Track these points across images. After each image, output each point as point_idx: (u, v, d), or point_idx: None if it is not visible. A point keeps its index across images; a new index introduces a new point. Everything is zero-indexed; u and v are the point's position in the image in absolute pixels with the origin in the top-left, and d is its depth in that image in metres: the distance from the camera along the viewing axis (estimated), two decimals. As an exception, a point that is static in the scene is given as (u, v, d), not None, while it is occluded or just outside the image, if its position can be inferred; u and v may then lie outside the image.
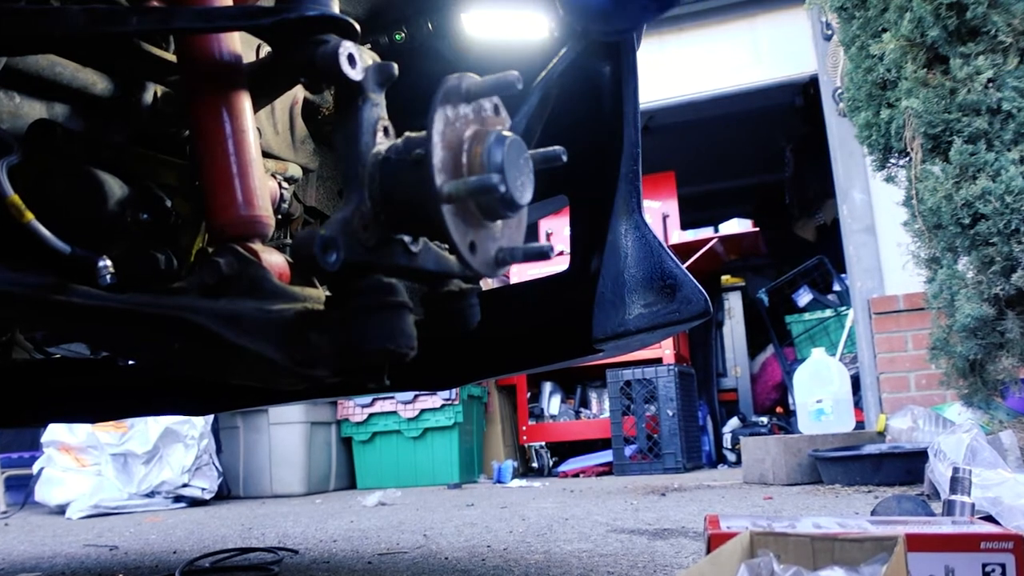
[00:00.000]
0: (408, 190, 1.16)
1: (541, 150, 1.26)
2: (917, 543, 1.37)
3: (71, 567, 3.15)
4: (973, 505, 2.18)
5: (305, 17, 1.25)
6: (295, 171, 1.88)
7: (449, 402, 6.83)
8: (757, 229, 8.16)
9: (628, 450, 7.03)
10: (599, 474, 7.19)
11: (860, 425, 6.26)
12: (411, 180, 1.16)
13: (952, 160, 3.83)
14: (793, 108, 8.35)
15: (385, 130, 1.25)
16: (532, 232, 8.20)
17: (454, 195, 1.11)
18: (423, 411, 6.91)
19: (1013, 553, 1.38)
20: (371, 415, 7.01)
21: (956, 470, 2.21)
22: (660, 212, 8.16)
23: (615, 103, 1.87)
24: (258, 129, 1.51)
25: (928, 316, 4.60)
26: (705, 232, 8.18)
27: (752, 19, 7.39)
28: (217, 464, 6.26)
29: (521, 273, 7.26)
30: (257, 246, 1.36)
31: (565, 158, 1.26)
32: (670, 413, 6.86)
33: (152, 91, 1.54)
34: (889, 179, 4.54)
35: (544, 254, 1.21)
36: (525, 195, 1.18)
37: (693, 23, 7.56)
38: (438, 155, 1.11)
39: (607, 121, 1.88)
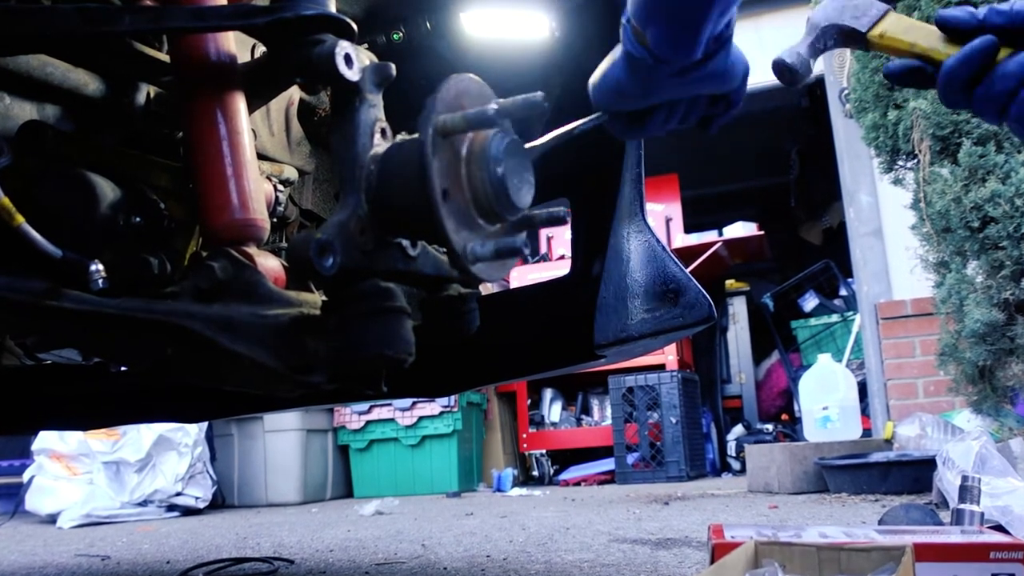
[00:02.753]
0: (406, 191, 1.16)
1: (545, 211, 1.25)
2: (925, 553, 1.37)
3: (62, 577, 3.15)
4: (982, 514, 2.18)
5: (301, 16, 1.25)
6: (291, 173, 1.88)
7: (448, 409, 6.83)
8: (762, 232, 8.16)
9: (630, 458, 7.02)
10: (601, 483, 7.19)
11: (867, 432, 6.25)
12: (408, 180, 1.15)
13: (961, 162, 3.83)
14: (799, 109, 8.35)
15: (383, 131, 1.25)
16: (533, 236, 8.20)
17: (448, 127, 1.12)
18: (421, 418, 6.90)
19: (1023, 563, 1.38)
20: (368, 422, 7.00)
21: (965, 478, 2.21)
22: (663, 215, 8.17)
23: (617, 104, 1.87)
24: (253, 131, 1.51)
25: (936, 321, 4.60)
26: (709, 236, 8.18)
27: (757, 18, 7.39)
28: (211, 472, 6.26)
29: (522, 278, 7.26)
30: (252, 250, 1.36)
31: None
32: (673, 420, 6.85)
33: (145, 92, 1.55)
34: (897, 182, 4.54)
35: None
36: (524, 198, 1.18)
37: (697, 22, 7.56)
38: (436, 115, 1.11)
39: (609, 122, 1.88)
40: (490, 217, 1.18)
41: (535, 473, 7.79)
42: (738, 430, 7.97)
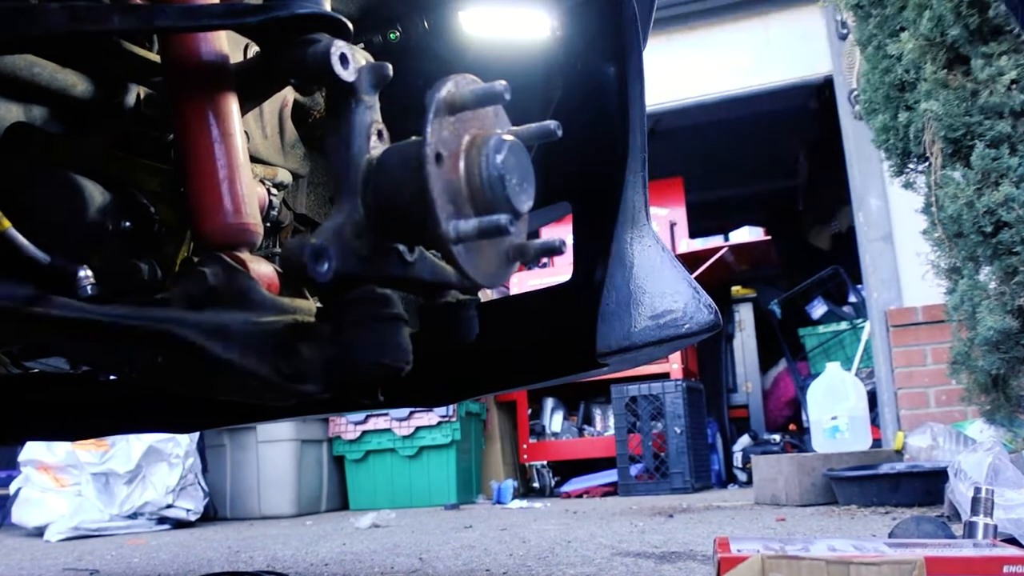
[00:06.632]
0: (403, 195, 1.16)
1: (540, 242, 1.25)
2: (937, 567, 1.37)
3: (49, 592, 3.15)
4: (995, 527, 2.17)
5: (295, 15, 1.25)
6: (285, 177, 1.88)
7: (446, 419, 6.82)
8: (769, 238, 8.16)
9: (634, 469, 7.02)
10: (603, 494, 7.19)
11: (877, 443, 6.25)
12: (406, 184, 1.15)
13: (973, 165, 3.83)
14: (807, 111, 8.35)
15: (379, 133, 1.25)
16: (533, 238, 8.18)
17: (457, 102, 1.12)
18: (419, 428, 6.89)
19: (1038, 578, 1.38)
20: (364, 433, 7.00)
21: (978, 490, 2.21)
22: (667, 220, 8.17)
23: (620, 105, 1.87)
24: (246, 133, 1.51)
25: (948, 329, 4.61)
26: (715, 241, 8.18)
27: (764, 17, 7.40)
28: (203, 484, 6.25)
29: (522, 284, 7.27)
30: (245, 255, 1.36)
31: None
32: (678, 431, 6.85)
33: (135, 93, 1.54)
34: (907, 185, 4.55)
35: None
36: (524, 203, 1.18)
37: (702, 21, 7.57)
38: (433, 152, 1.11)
39: (612, 125, 1.88)
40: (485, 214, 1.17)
41: (536, 485, 7.79)
42: (744, 440, 7.96)
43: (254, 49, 1.63)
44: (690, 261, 7.58)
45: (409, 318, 1.25)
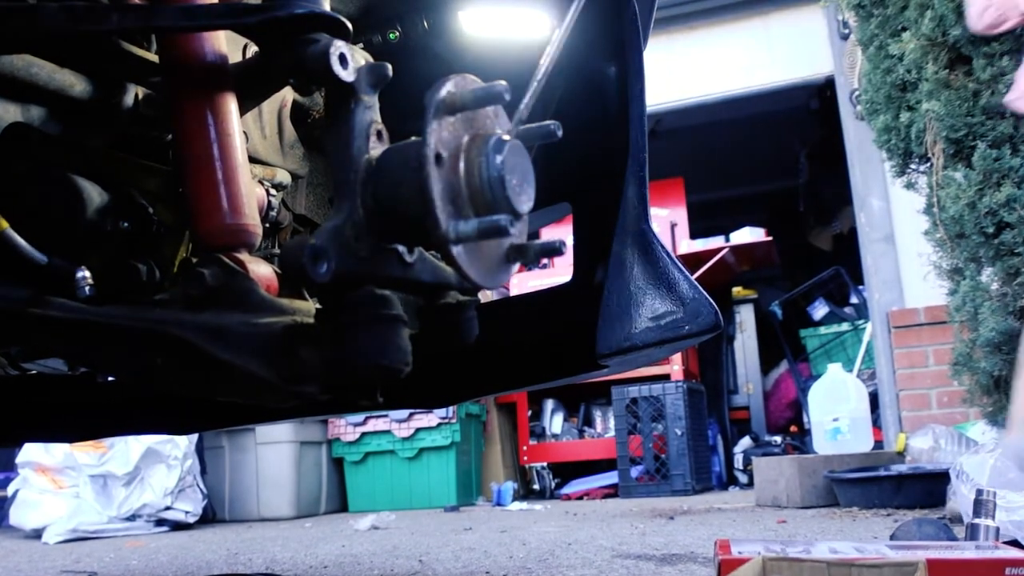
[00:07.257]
0: (403, 196, 1.16)
1: (539, 243, 1.25)
2: (939, 569, 1.37)
3: (47, 594, 3.14)
4: (998, 529, 2.17)
5: (294, 15, 1.25)
6: (284, 177, 1.88)
7: (446, 421, 6.82)
8: (770, 238, 8.16)
9: (634, 471, 7.02)
10: (604, 496, 7.18)
11: (878, 445, 6.25)
12: (406, 184, 1.15)
13: (975, 166, 3.83)
14: (808, 111, 8.35)
15: (379, 134, 1.25)
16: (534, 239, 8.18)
17: (457, 102, 1.12)
18: (418, 430, 6.89)
19: (1040, 580, 1.37)
20: (363, 434, 6.99)
21: (980, 492, 2.21)
22: (668, 220, 8.16)
23: (621, 105, 1.87)
24: (245, 133, 1.51)
25: (950, 330, 4.60)
26: (715, 241, 8.18)
27: (766, 17, 7.40)
28: (201, 486, 6.25)
29: (522, 285, 7.26)
30: (244, 256, 1.36)
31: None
32: (678, 432, 6.85)
33: (133, 93, 1.54)
34: (909, 186, 4.55)
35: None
36: (525, 203, 1.18)
37: (703, 21, 7.57)
38: (433, 157, 1.11)
39: (612, 125, 1.88)
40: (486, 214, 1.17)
41: (536, 487, 7.79)
42: (745, 442, 7.96)
43: (253, 49, 1.63)
44: (691, 262, 7.58)
45: (409, 319, 1.25)
